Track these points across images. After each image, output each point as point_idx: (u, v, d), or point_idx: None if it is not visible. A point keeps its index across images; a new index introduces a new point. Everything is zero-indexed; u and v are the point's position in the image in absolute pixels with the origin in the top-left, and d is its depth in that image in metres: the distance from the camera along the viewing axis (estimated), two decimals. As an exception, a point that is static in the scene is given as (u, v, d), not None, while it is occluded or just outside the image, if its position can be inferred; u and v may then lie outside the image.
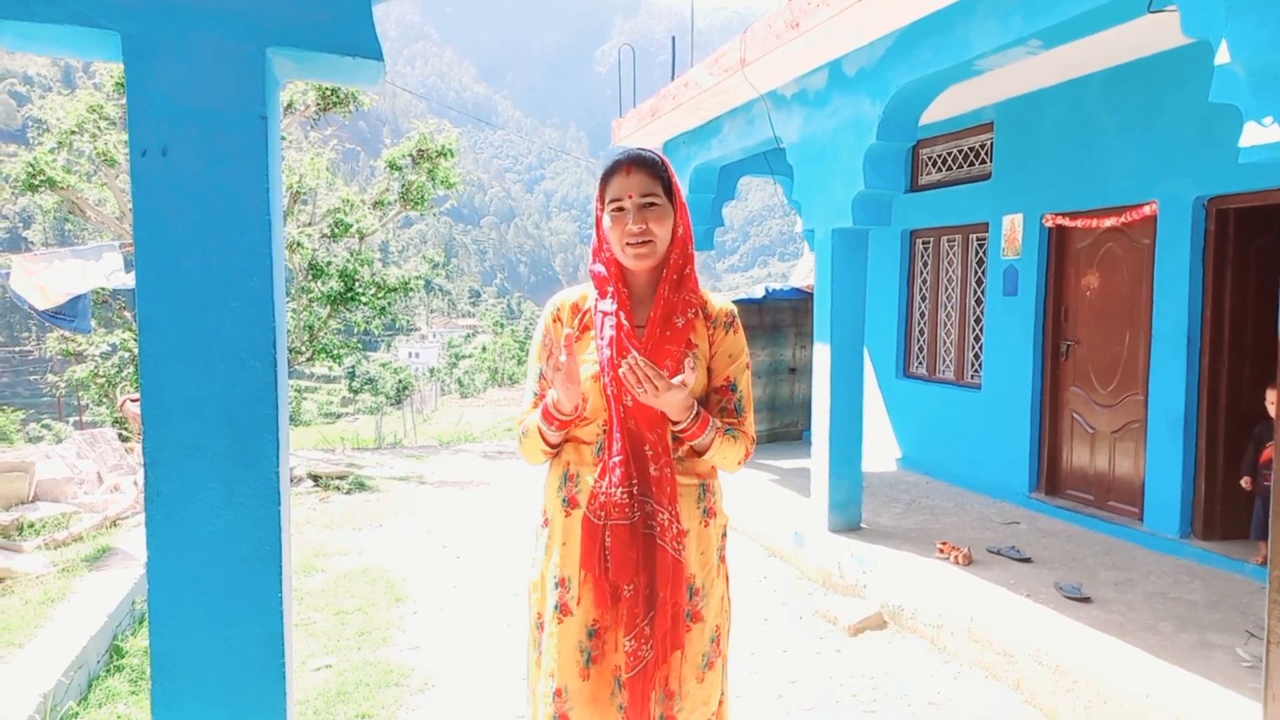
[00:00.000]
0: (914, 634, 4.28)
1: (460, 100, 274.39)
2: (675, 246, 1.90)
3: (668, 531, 1.81)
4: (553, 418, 1.84)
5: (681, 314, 1.87)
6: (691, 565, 1.87)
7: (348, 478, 8.36)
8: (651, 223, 1.84)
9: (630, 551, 1.81)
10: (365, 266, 11.18)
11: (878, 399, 7.56)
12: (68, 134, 10.08)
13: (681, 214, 1.91)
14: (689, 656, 1.87)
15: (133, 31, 1.34)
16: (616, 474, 1.81)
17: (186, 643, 1.46)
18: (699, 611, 1.88)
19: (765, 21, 5.12)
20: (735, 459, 1.88)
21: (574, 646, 1.86)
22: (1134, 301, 5.30)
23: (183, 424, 1.41)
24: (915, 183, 7.19)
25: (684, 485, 1.87)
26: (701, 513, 1.90)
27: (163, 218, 1.38)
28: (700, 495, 1.91)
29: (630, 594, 1.82)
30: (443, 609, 4.67)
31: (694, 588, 1.88)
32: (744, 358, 1.94)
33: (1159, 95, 4.99)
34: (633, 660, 1.81)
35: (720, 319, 1.92)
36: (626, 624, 1.82)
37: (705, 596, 1.90)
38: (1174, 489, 4.93)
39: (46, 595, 4.05)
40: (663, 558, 1.81)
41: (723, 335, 1.92)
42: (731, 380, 1.91)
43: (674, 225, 1.89)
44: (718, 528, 1.95)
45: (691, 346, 1.87)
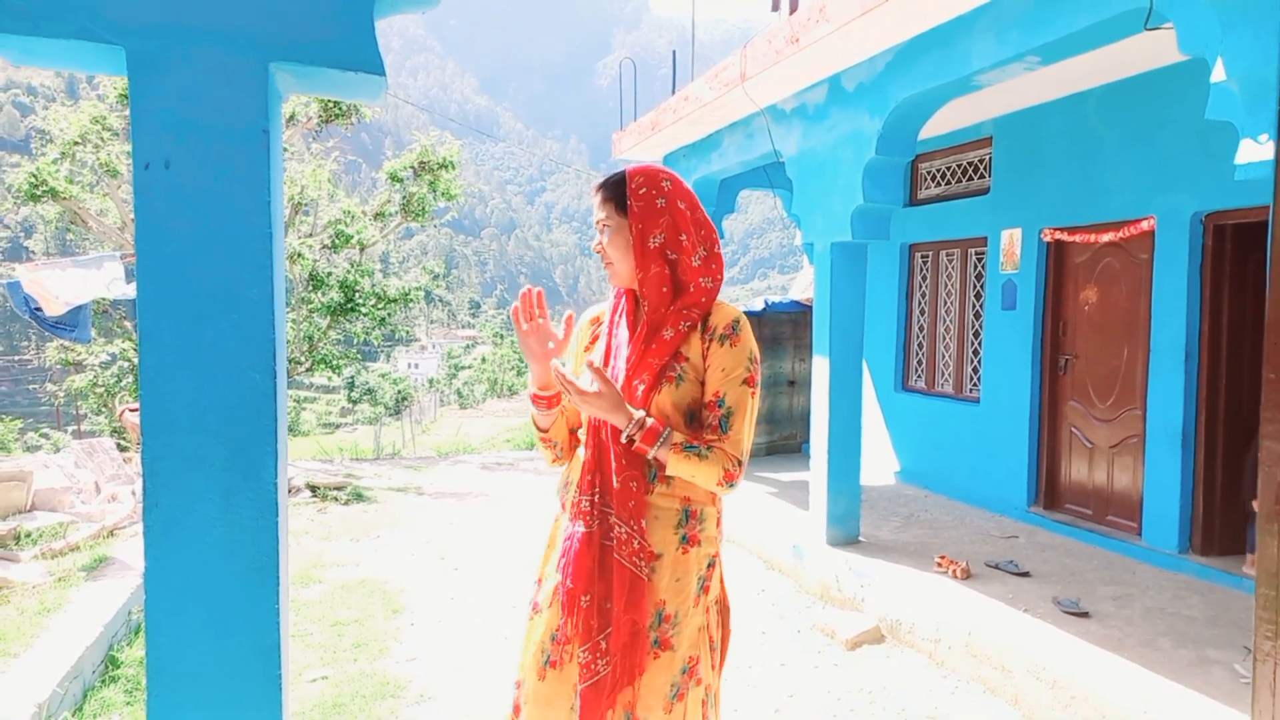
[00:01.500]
0: (912, 648, 4.27)
1: (462, 112, 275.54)
2: (643, 258, 1.85)
3: (625, 545, 1.78)
4: (536, 397, 1.93)
5: (672, 326, 1.84)
6: (662, 590, 1.81)
7: (346, 488, 8.35)
8: (606, 246, 1.89)
9: (585, 560, 1.81)
10: (366, 277, 11.20)
11: (876, 412, 7.56)
12: (71, 145, 10.12)
13: (650, 222, 1.84)
14: (654, 684, 1.79)
15: (137, 47, 1.35)
16: (584, 481, 1.86)
17: (183, 653, 1.46)
18: (668, 639, 1.81)
19: (765, 36, 5.15)
20: (710, 479, 1.77)
21: (537, 645, 1.90)
22: (1132, 316, 5.31)
23: (182, 435, 1.41)
24: (914, 197, 7.22)
25: (662, 508, 1.82)
26: (680, 539, 1.83)
27: (165, 230, 1.39)
28: (682, 520, 1.84)
29: (586, 605, 1.80)
30: (440, 621, 4.66)
31: (664, 614, 1.81)
32: (739, 372, 1.82)
33: (1158, 111, 5.02)
34: (585, 673, 1.78)
35: (717, 331, 1.84)
36: (581, 635, 1.80)
37: (677, 625, 1.82)
38: (1173, 504, 4.92)
39: (43, 605, 4.04)
40: (619, 571, 1.78)
41: (716, 348, 1.83)
42: (720, 395, 1.81)
43: (636, 239, 1.85)
44: (701, 557, 1.86)
45: (680, 359, 1.83)
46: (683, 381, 1.83)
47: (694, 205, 1.92)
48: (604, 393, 1.75)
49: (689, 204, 1.90)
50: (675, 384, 1.82)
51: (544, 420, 1.97)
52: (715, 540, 1.90)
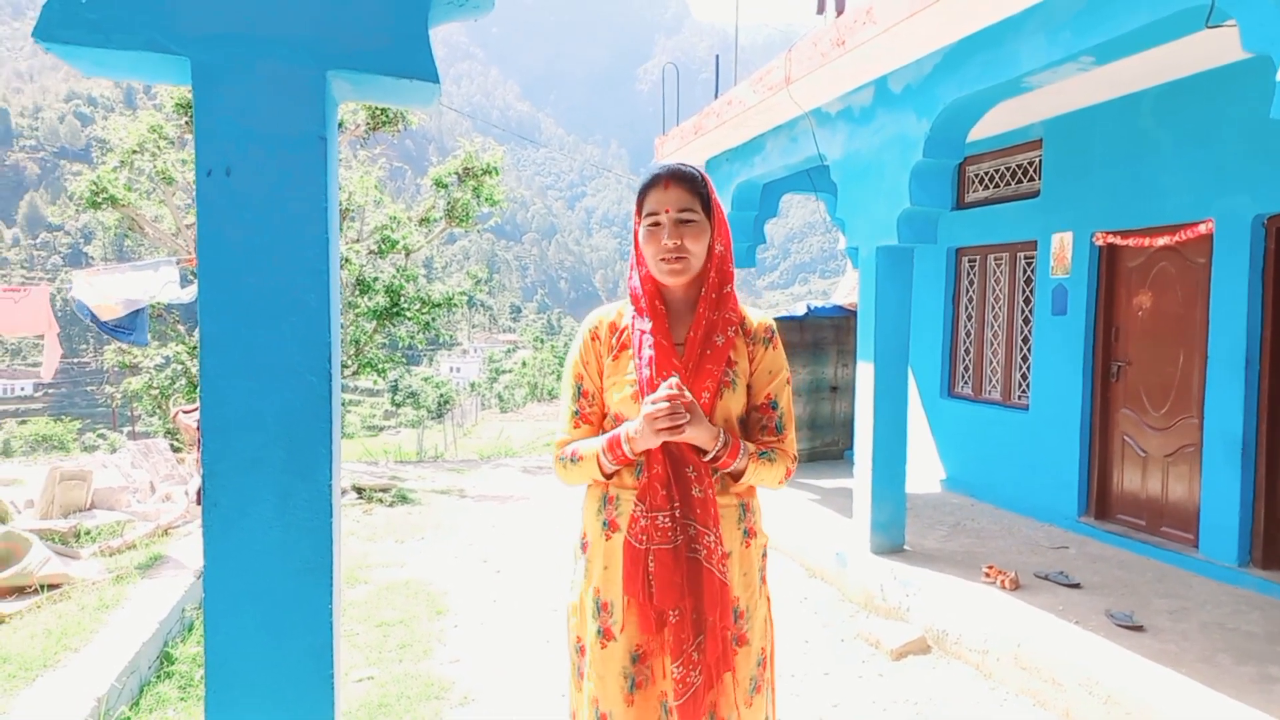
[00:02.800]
0: (959, 659, 4.19)
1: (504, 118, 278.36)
2: (713, 263, 1.86)
3: (714, 554, 1.78)
4: (620, 453, 1.79)
5: (721, 332, 1.83)
6: (735, 588, 1.84)
7: (390, 490, 8.47)
8: (687, 239, 1.80)
9: (674, 576, 1.76)
10: (410, 282, 11.36)
11: (921, 419, 7.46)
12: (129, 153, 10.43)
13: (720, 230, 1.87)
14: (738, 681, 1.83)
15: (202, 57, 1.38)
16: (659, 497, 1.78)
17: (240, 651, 1.49)
18: (744, 635, 1.85)
19: (811, 39, 5.12)
20: (775, 479, 1.85)
21: (618, 672, 1.82)
22: (1188, 322, 5.16)
23: (241, 436, 1.44)
24: (961, 200, 7.11)
25: (724, 506, 1.84)
26: (743, 533, 1.87)
27: (226, 236, 1.42)
28: (741, 515, 1.87)
29: (676, 619, 1.77)
30: (483, 623, 4.70)
31: (738, 610, 1.84)
32: (784, 373, 1.89)
33: (1216, 111, 4.88)
34: (682, 687, 1.76)
35: (759, 335, 1.87)
36: (673, 650, 1.76)
37: (750, 619, 1.86)
38: (1231, 515, 4.77)
39: (101, 601, 4.16)
40: (709, 581, 1.77)
41: (762, 351, 1.87)
42: (772, 398, 1.86)
43: (711, 242, 1.86)
44: (758, 548, 1.91)
45: (731, 365, 1.83)
46: (736, 387, 1.84)
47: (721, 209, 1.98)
48: (699, 412, 1.74)
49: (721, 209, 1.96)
50: (732, 389, 1.83)
51: (611, 469, 1.85)
52: (764, 529, 1.96)
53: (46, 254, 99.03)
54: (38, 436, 33.79)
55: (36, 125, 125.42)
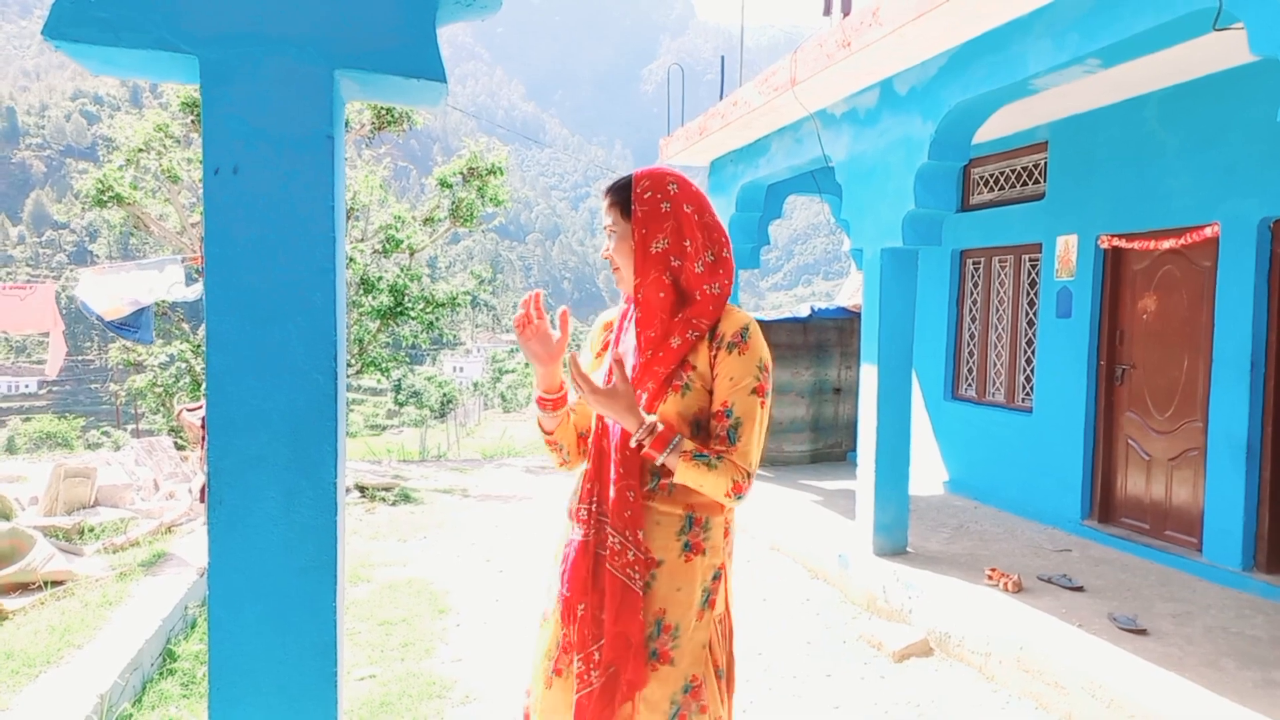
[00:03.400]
0: (961, 662, 4.19)
1: (509, 118, 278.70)
2: (644, 263, 1.80)
3: (618, 556, 1.74)
4: (542, 400, 1.90)
5: (679, 334, 1.77)
6: (661, 599, 1.75)
7: (393, 489, 8.48)
8: (612, 252, 1.86)
9: (580, 569, 1.79)
10: (415, 282, 11.37)
11: (925, 421, 7.45)
12: (135, 152, 10.45)
13: (654, 227, 1.79)
14: (654, 700, 1.74)
15: (210, 56, 1.39)
16: (583, 490, 1.85)
17: (244, 648, 1.49)
18: (667, 651, 1.74)
19: (816, 41, 5.12)
20: (718, 489, 1.70)
21: (544, 654, 1.87)
22: (1193, 325, 5.15)
23: (247, 434, 1.44)
24: (966, 202, 7.11)
25: (664, 513, 1.77)
26: (683, 545, 1.77)
27: (233, 235, 1.43)
28: (684, 527, 1.77)
29: (582, 614, 1.77)
30: (485, 623, 4.70)
31: (663, 623, 1.75)
32: (748, 381, 1.74)
33: (1222, 114, 4.87)
34: (580, 683, 1.75)
35: (725, 339, 1.76)
36: (577, 644, 1.77)
37: (677, 638, 1.75)
38: (1236, 519, 4.76)
39: (105, 598, 4.17)
40: (611, 582, 1.74)
41: (724, 356, 1.76)
42: (728, 405, 1.74)
43: (638, 244, 1.80)
44: (705, 567, 1.79)
45: (689, 368, 1.77)
46: (689, 391, 1.76)
47: (702, 208, 1.84)
48: (620, 391, 1.71)
49: (696, 207, 1.83)
50: (681, 393, 1.76)
51: (549, 422, 1.93)
52: (721, 551, 1.82)
53: (52, 252, 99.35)
54: (42, 434, 33.89)
55: (43, 123, 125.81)
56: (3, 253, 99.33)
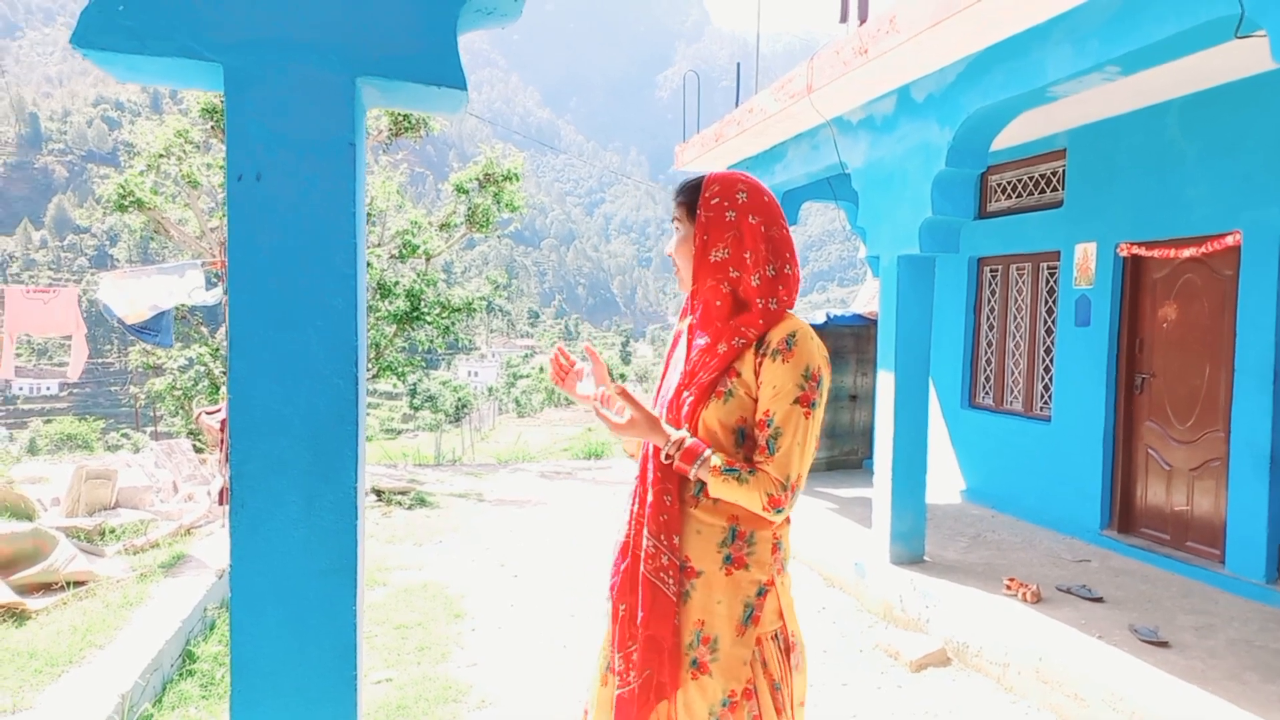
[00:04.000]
0: (979, 672, 4.16)
1: (524, 125, 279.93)
2: (701, 270, 1.79)
3: (652, 560, 1.75)
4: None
5: (725, 341, 1.75)
6: (700, 610, 1.73)
7: (409, 493, 8.51)
8: (674, 250, 1.86)
9: (617, 570, 1.84)
10: (431, 287, 11.42)
11: (942, 429, 7.40)
12: (156, 157, 10.57)
13: (716, 234, 1.77)
14: (693, 708, 1.71)
15: (234, 63, 1.40)
16: (631, 493, 1.88)
17: (265, 651, 1.50)
18: (705, 663, 1.71)
19: (833, 48, 5.11)
20: (753, 503, 1.67)
21: (601, 651, 1.92)
22: (1214, 334, 5.10)
23: (269, 438, 1.46)
24: (983, 209, 7.07)
25: (706, 523, 1.74)
26: (724, 558, 1.73)
27: (256, 240, 1.44)
28: (727, 539, 1.73)
29: (623, 614, 1.80)
30: (500, 627, 4.70)
31: (702, 635, 1.72)
32: (790, 389, 1.69)
33: (1244, 121, 4.82)
34: (620, 681, 1.78)
35: (771, 346, 1.71)
36: (618, 644, 1.80)
37: (715, 651, 1.72)
38: (1259, 531, 4.70)
39: (125, 599, 4.20)
40: (645, 585, 1.75)
41: (769, 363, 1.71)
42: (770, 414, 1.69)
43: (697, 250, 1.79)
44: (747, 581, 1.73)
45: (733, 374, 1.74)
46: (732, 398, 1.73)
47: (771, 220, 1.79)
48: (635, 420, 1.74)
49: (764, 218, 1.78)
50: (724, 400, 1.73)
51: (631, 446, 2.00)
52: (768, 567, 1.76)
53: (73, 256, 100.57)
54: (63, 435, 34.29)
55: (65, 129, 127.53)
56: (25, 256, 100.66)
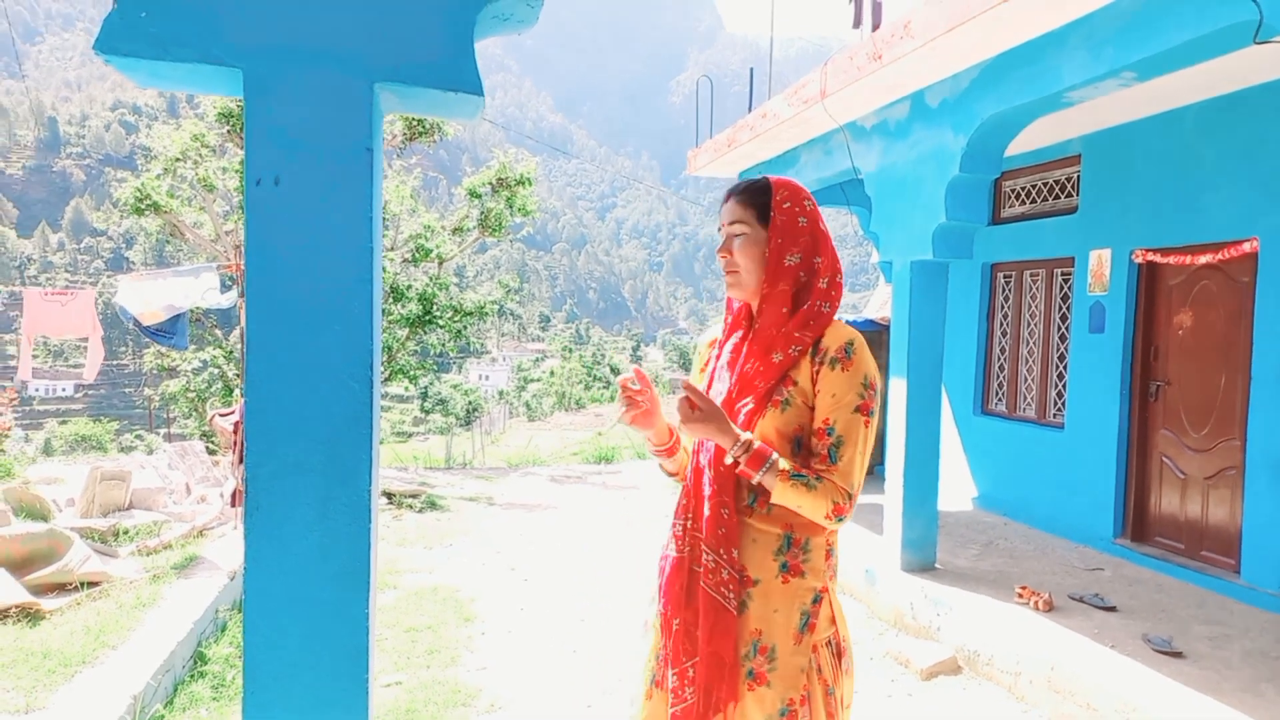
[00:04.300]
0: (990, 681, 4.13)
1: (537, 129, 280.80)
2: (772, 274, 1.76)
3: (712, 574, 1.71)
4: (657, 451, 1.95)
5: (781, 349, 1.73)
6: (757, 620, 1.71)
7: (420, 496, 8.53)
8: (736, 252, 1.79)
9: (674, 586, 1.78)
10: (443, 290, 11.46)
11: (954, 435, 7.37)
12: (173, 161, 10.66)
13: (791, 242, 1.76)
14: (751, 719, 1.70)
15: (254, 69, 1.41)
16: (680, 506, 1.83)
17: (277, 654, 1.51)
18: (763, 673, 1.69)
19: (847, 54, 5.11)
20: (817, 511, 1.65)
21: (646, 664, 1.88)
22: (1231, 341, 5.06)
23: (284, 441, 1.46)
24: (997, 215, 7.04)
25: (763, 531, 1.72)
26: (780, 566, 1.72)
27: (273, 244, 1.45)
28: (782, 547, 1.72)
29: (677, 629, 1.76)
30: (510, 631, 4.71)
31: (760, 645, 1.70)
32: (851, 398, 1.69)
33: (1262, 128, 4.79)
34: (675, 698, 1.75)
35: (829, 354, 1.70)
36: (673, 660, 1.77)
37: (774, 660, 1.70)
38: (1275, 541, 4.65)
39: (138, 600, 4.23)
40: (706, 601, 1.71)
41: (827, 372, 1.70)
42: (830, 423, 1.68)
43: (772, 253, 1.77)
44: (803, 589, 1.72)
45: (790, 383, 1.72)
46: (789, 406, 1.71)
47: (828, 231, 1.82)
48: (707, 412, 1.67)
49: (825, 228, 1.82)
50: (781, 408, 1.71)
51: (671, 466, 1.97)
52: (823, 573, 1.75)
53: (90, 258, 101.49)
54: (77, 436, 34.55)
55: (83, 133, 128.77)
56: (43, 258, 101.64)
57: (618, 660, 4.26)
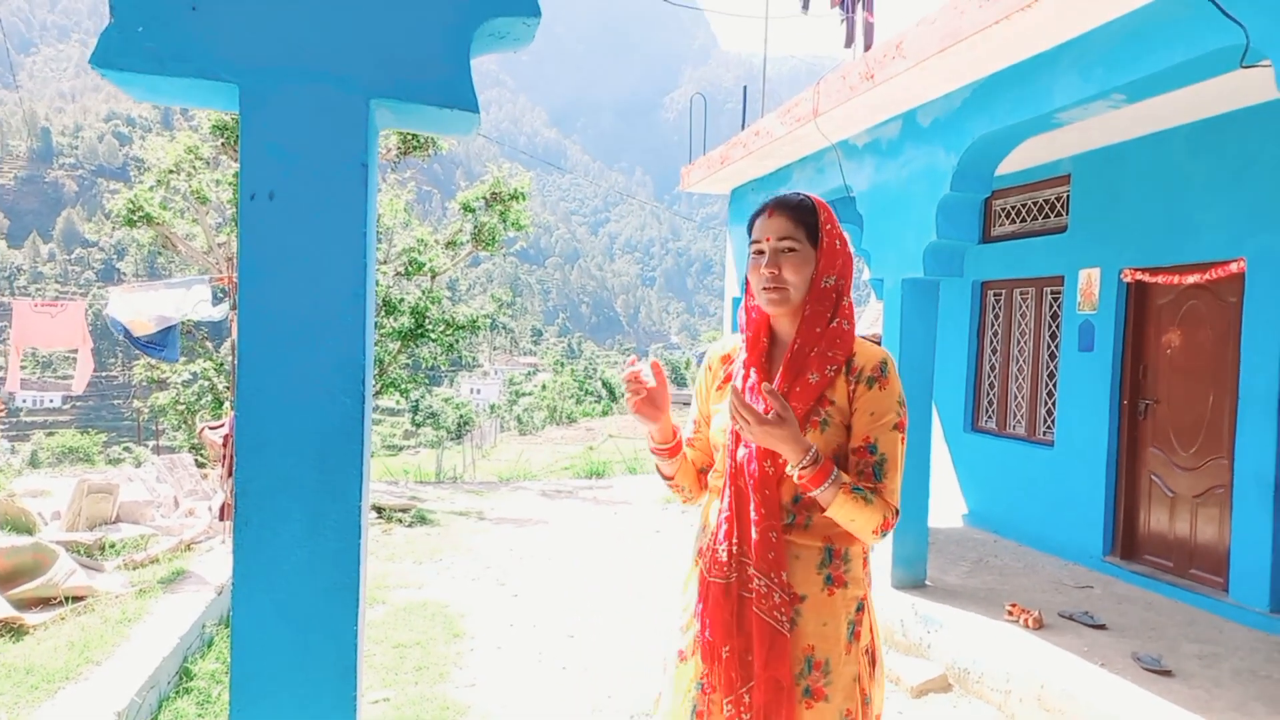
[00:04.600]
0: (980, 699, 4.12)
1: (531, 144, 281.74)
2: (814, 295, 1.77)
3: (765, 599, 1.69)
4: (658, 450, 1.91)
5: (816, 370, 1.73)
6: (809, 636, 1.70)
7: (410, 511, 8.49)
8: (785, 268, 1.76)
9: (722, 612, 1.73)
10: (435, 304, 11.46)
11: (944, 452, 7.39)
12: (166, 173, 10.65)
13: (830, 263, 1.78)
14: None
15: (250, 84, 1.42)
16: (721, 530, 1.77)
17: (266, 670, 1.49)
18: (820, 688, 1.69)
19: (840, 73, 5.16)
20: (868, 526, 1.66)
21: (685, 694, 1.82)
22: (1219, 361, 5.10)
23: (275, 456, 1.46)
24: (988, 234, 7.09)
25: (805, 546, 1.72)
26: (824, 580, 1.72)
27: (267, 259, 1.45)
28: (825, 560, 1.72)
29: (727, 656, 1.72)
30: (499, 648, 4.68)
31: (814, 660, 1.70)
32: (890, 416, 1.71)
33: (1250, 149, 4.85)
34: None
35: (865, 373, 1.72)
36: (724, 687, 1.72)
37: (829, 673, 1.70)
38: (1264, 560, 4.67)
39: (124, 615, 4.19)
40: (759, 625, 1.69)
41: (864, 390, 1.71)
42: (871, 440, 1.69)
43: (816, 273, 1.77)
44: (848, 599, 1.73)
45: (826, 403, 1.72)
46: (828, 426, 1.71)
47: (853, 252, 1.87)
48: (786, 418, 1.63)
49: (852, 250, 1.86)
50: (820, 429, 1.71)
51: (668, 468, 1.93)
52: (863, 581, 1.77)
53: (81, 269, 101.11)
54: (65, 448, 34.30)
55: (76, 144, 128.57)
56: (33, 269, 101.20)
57: (607, 677, 4.24)
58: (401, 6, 1.48)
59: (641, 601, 5.60)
